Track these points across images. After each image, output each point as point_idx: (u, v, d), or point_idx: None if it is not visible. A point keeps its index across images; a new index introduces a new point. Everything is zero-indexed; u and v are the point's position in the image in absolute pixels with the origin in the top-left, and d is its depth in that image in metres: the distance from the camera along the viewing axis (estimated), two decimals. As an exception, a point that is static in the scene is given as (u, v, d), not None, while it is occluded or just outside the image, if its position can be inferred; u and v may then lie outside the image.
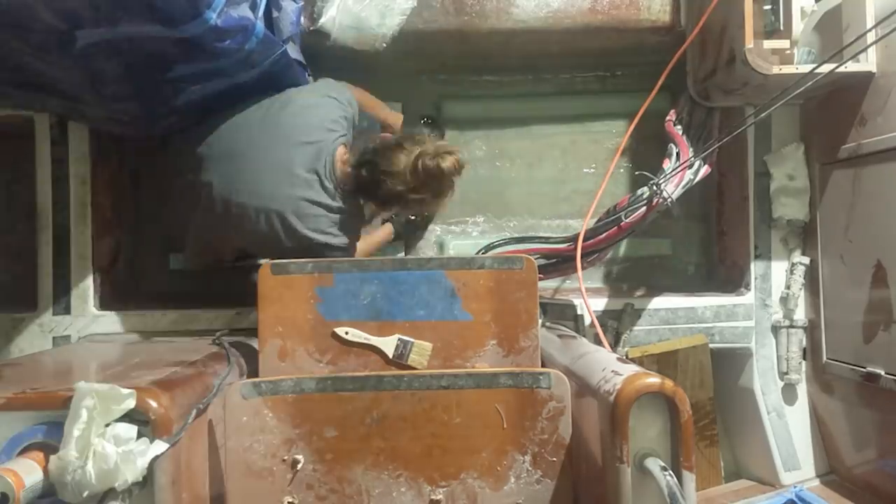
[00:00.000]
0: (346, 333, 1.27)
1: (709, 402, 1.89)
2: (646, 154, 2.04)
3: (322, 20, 1.74)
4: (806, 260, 1.86)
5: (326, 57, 1.79)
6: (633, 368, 1.08)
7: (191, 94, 1.52)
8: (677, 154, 1.74)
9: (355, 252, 1.64)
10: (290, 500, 1.14)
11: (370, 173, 1.48)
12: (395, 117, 1.91)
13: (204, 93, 1.52)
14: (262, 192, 1.49)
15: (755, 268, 1.89)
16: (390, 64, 1.91)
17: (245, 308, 1.77)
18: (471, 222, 2.12)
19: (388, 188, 1.46)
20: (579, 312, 1.66)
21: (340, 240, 1.53)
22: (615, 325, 1.82)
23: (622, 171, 2.11)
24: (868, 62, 1.60)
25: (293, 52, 1.56)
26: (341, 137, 1.55)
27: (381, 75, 1.94)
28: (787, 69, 1.57)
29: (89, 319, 1.75)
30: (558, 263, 1.80)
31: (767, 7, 1.63)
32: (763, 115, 1.58)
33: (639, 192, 1.69)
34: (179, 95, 1.52)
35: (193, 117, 1.65)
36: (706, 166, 1.74)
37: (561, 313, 1.71)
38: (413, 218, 2.01)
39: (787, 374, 1.87)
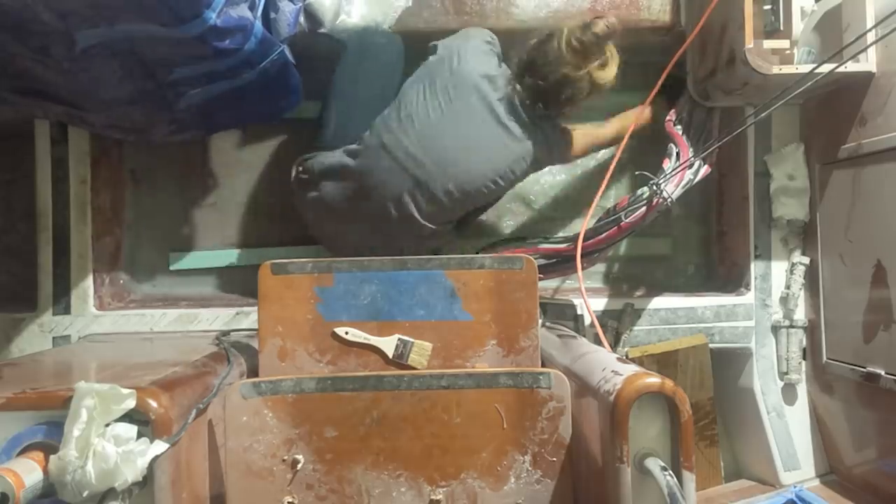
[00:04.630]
0: (346, 333, 1.27)
1: (709, 402, 1.89)
2: (646, 154, 2.04)
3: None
4: (806, 260, 1.86)
5: (321, 58, 1.78)
6: (633, 368, 1.08)
7: (191, 98, 1.52)
8: (677, 154, 1.74)
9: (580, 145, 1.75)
10: (290, 500, 1.14)
11: (533, 74, 1.53)
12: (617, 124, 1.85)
13: (204, 96, 1.53)
14: (496, 159, 1.59)
15: (755, 268, 1.89)
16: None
17: (245, 308, 1.77)
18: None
19: (554, 77, 1.51)
20: (579, 312, 1.66)
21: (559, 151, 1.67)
22: (615, 325, 1.82)
23: (622, 171, 2.11)
24: (868, 62, 1.60)
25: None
26: (505, 71, 1.61)
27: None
28: (787, 69, 1.57)
29: (89, 319, 1.75)
30: (558, 263, 1.80)
31: (767, 7, 1.63)
32: (763, 115, 1.58)
33: (639, 192, 1.69)
34: (180, 99, 1.52)
35: (193, 123, 1.65)
36: (706, 166, 1.74)
37: (561, 313, 1.71)
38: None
39: (787, 374, 1.87)
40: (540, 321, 1.38)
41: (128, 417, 0.94)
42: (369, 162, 1.61)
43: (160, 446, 0.94)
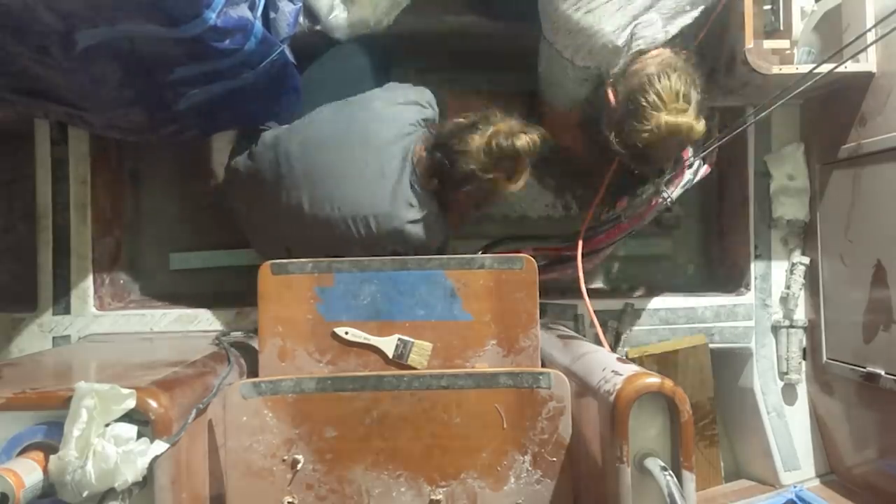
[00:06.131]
0: (346, 333, 1.27)
1: (709, 402, 1.89)
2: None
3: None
4: (806, 260, 1.86)
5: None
6: (633, 368, 1.08)
7: (192, 99, 1.52)
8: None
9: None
10: (290, 500, 1.14)
11: (444, 154, 1.47)
12: None
13: (204, 97, 1.52)
14: (359, 199, 1.50)
15: (755, 268, 1.89)
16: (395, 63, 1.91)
17: (245, 308, 1.77)
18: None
19: (460, 168, 1.45)
20: (579, 312, 1.66)
21: (430, 237, 1.54)
22: (615, 325, 1.82)
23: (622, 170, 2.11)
24: (868, 62, 1.60)
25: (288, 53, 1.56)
26: (422, 135, 1.56)
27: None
28: (787, 69, 1.57)
29: (89, 319, 1.75)
30: (558, 263, 1.80)
31: (767, 7, 1.63)
32: (763, 115, 1.58)
33: (638, 191, 1.69)
34: (180, 100, 1.52)
35: (193, 124, 1.65)
36: (706, 166, 1.74)
37: (561, 313, 1.71)
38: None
39: (787, 374, 1.87)
40: (540, 321, 1.38)
41: (128, 417, 0.94)
42: (261, 157, 1.59)
43: (160, 446, 0.94)
